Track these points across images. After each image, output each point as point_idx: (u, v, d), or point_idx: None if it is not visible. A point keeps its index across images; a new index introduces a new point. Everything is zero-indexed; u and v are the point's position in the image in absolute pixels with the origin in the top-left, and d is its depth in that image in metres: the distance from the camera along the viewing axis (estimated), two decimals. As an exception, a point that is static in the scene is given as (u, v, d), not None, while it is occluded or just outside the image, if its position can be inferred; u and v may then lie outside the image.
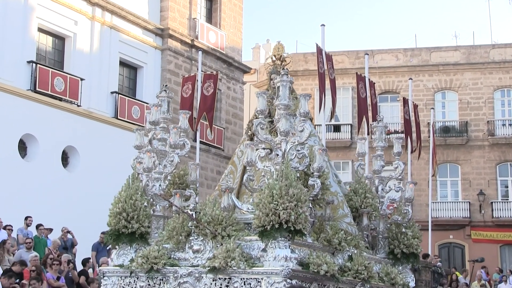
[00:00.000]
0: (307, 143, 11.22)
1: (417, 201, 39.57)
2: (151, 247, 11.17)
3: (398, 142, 13.50)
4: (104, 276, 11.66)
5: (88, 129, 29.02)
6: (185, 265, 10.95)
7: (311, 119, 11.75)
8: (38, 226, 21.95)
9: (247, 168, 11.32)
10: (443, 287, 26.13)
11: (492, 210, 41.61)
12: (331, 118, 29.20)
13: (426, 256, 27.66)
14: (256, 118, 11.31)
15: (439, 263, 28.63)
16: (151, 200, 11.83)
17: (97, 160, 28.65)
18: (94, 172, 28.33)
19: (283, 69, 11.83)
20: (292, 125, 10.96)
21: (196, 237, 10.96)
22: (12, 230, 21.34)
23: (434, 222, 35.39)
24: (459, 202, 42.23)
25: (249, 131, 12.69)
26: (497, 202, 41.85)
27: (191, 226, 10.91)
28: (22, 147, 27.40)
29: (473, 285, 29.33)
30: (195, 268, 10.79)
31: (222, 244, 10.65)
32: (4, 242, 19.42)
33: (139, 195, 11.41)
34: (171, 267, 10.96)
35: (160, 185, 11.77)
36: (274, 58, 13.19)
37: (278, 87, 11.03)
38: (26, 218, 22.06)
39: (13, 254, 19.48)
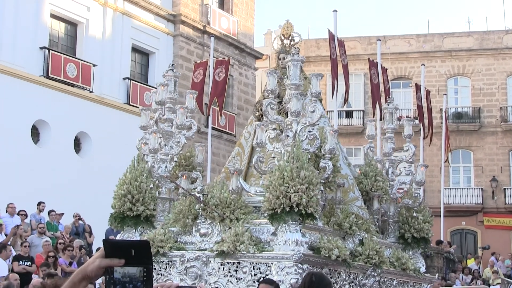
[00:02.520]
0: (318, 124, 10.79)
1: (429, 187, 39.20)
2: (157, 230, 10.78)
3: (409, 124, 13.03)
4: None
5: (100, 115, 28.85)
6: (192, 249, 10.57)
7: (321, 100, 11.28)
8: (50, 212, 21.88)
9: (257, 149, 10.89)
10: (456, 273, 25.81)
11: (505, 196, 41.27)
12: (344, 104, 28.87)
13: (439, 242, 27.35)
14: (265, 98, 10.90)
15: (451, 249, 28.37)
16: (157, 182, 11.41)
17: (109, 146, 28.41)
18: (106, 158, 28.06)
19: (294, 48, 11.38)
20: (302, 105, 10.52)
21: (203, 220, 10.57)
22: (26, 215, 21.21)
23: (446, 209, 35.05)
24: (472, 188, 41.93)
25: (257, 112, 12.26)
26: (509, 188, 41.45)
27: (199, 209, 10.51)
28: (35, 133, 27.33)
29: (485, 271, 29.05)
30: (203, 252, 10.41)
31: (230, 228, 10.27)
32: (17, 227, 19.27)
33: (145, 177, 11.01)
34: (178, 251, 10.57)
35: (166, 166, 11.34)
36: (283, 38, 12.73)
37: (289, 66, 10.60)
38: (38, 204, 22.01)
39: (26, 239, 19.35)
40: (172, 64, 11.64)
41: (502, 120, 41.77)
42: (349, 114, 42.59)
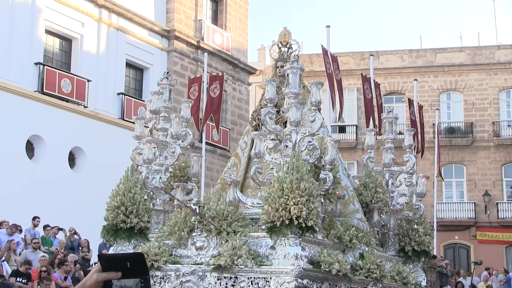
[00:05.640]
0: (318, 134, 10.30)
1: (422, 201, 38.71)
2: (151, 243, 10.29)
3: (409, 134, 12.55)
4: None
5: (95, 130, 28.50)
6: (187, 263, 10.08)
7: (320, 110, 10.79)
8: (45, 227, 21.66)
9: (255, 160, 10.38)
10: (446, 286, 25.42)
11: (498, 210, 40.81)
12: (338, 119, 28.45)
13: (433, 257, 26.93)
14: (263, 107, 10.42)
15: (443, 264, 28.00)
16: (151, 193, 10.90)
17: (103, 161, 28.03)
18: (101, 172, 27.65)
19: (294, 55, 10.89)
20: (301, 115, 10.04)
21: (199, 233, 10.07)
22: (21, 231, 20.95)
23: (439, 223, 34.58)
24: (465, 203, 41.45)
25: (254, 122, 11.75)
26: (502, 202, 41.04)
27: (194, 221, 9.99)
28: (30, 148, 26.98)
29: (479, 286, 28.63)
30: (199, 266, 9.90)
31: (227, 241, 9.77)
32: (10, 242, 18.89)
33: (139, 188, 10.52)
34: (173, 265, 10.08)
35: (160, 177, 10.84)
36: (280, 45, 12.21)
37: (288, 74, 10.11)
38: (33, 219, 21.70)
39: (19, 255, 18.92)
40: (167, 72, 11.11)
41: (495, 134, 41.40)
42: (342, 129, 42.12)
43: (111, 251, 11.01)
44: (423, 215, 12.19)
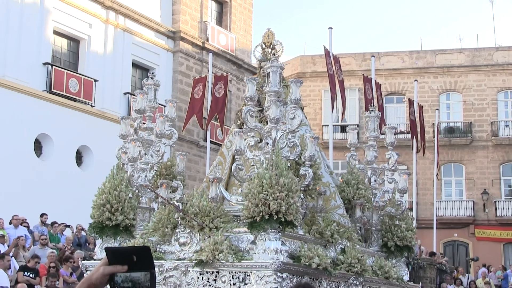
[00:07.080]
0: (298, 131, 10.23)
1: (422, 200, 38.70)
2: (136, 240, 10.22)
3: (391, 132, 12.46)
4: (87, 271, 10.72)
5: (102, 129, 28.47)
6: (171, 259, 9.99)
7: (302, 108, 10.72)
8: (52, 224, 21.74)
9: (236, 157, 10.32)
10: (445, 283, 25.34)
11: (496, 209, 40.75)
12: (341, 119, 28.36)
13: (432, 254, 26.82)
14: (245, 105, 10.35)
15: (443, 261, 27.90)
16: (137, 191, 10.83)
17: (110, 159, 27.79)
18: (107, 171, 27.49)
19: (274, 55, 10.86)
20: (282, 113, 9.97)
21: (182, 229, 9.99)
22: (28, 227, 21.04)
23: (439, 221, 34.57)
24: (464, 201, 41.41)
25: (238, 120, 11.68)
26: (500, 201, 41.00)
27: (178, 218, 9.93)
28: (38, 147, 27.04)
29: (477, 282, 28.56)
30: (182, 261, 9.82)
31: (209, 237, 9.68)
32: (18, 238, 18.90)
33: (124, 186, 10.45)
34: (157, 261, 9.94)
35: (146, 175, 10.77)
36: (264, 46, 12.16)
37: (268, 73, 10.07)
38: (41, 216, 21.81)
39: (28, 250, 18.99)
40: (152, 73, 11.10)
41: (493, 134, 41.30)
42: (344, 129, 41.94)
43: (97, 248, 10.99)
44: (405, 211, 12.09)
